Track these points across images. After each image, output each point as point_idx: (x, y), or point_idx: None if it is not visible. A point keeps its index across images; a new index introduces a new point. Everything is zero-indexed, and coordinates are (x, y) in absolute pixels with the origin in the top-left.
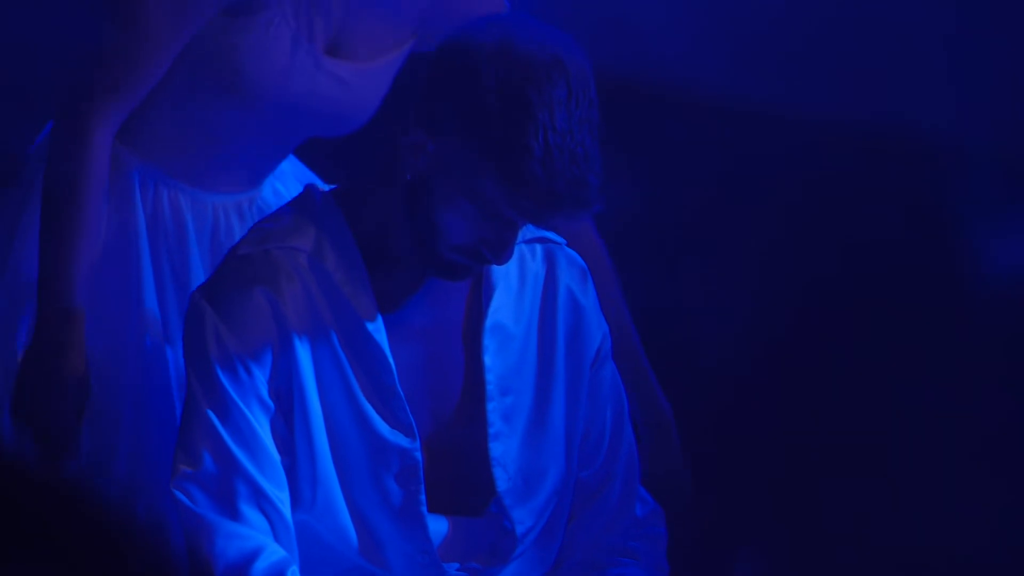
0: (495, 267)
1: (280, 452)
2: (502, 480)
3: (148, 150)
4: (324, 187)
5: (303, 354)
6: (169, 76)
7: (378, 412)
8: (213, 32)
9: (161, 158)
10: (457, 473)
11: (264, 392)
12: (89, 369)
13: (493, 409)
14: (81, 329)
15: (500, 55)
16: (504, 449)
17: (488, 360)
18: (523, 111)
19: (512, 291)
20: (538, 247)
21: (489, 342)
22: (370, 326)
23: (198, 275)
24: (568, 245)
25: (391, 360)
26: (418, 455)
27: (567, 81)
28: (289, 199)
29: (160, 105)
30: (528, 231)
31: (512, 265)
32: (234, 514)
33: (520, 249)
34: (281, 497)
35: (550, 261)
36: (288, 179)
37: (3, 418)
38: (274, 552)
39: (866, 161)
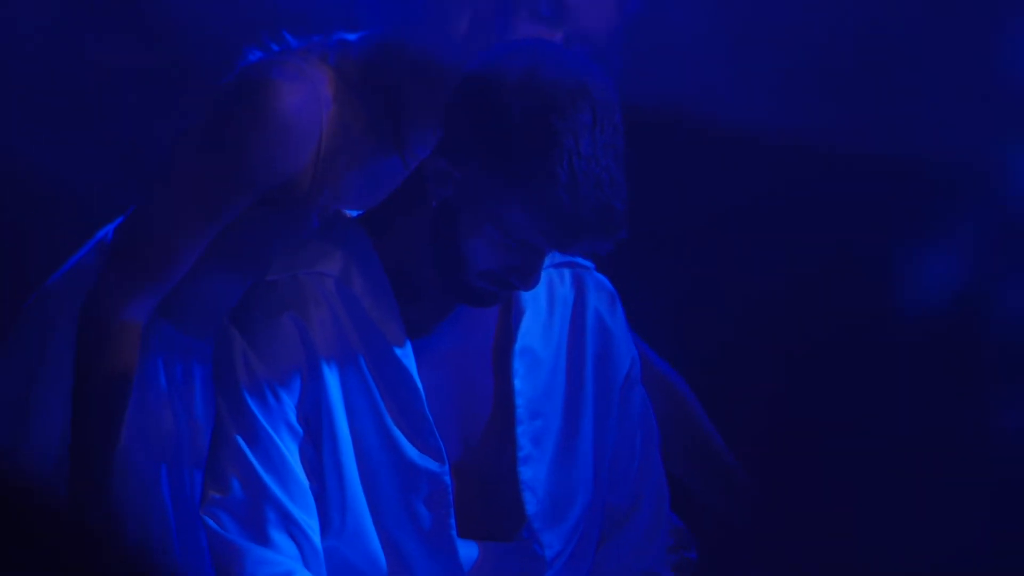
0: (523, 292)
1: (309, 478)
2: (531, 504)
3: (178, 319)
4: (351, 213)
5: (331, 380)
6: (204, 258)
7: (407, 437)
8: (251, 219)
9: (188, 326)
10: (486, 497)
11: (293, 418)
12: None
13: (523, 432)
14: (114, 511)
15: (524, 82)
16: (533, 473)
17: (518, 383)
18: (548, 137)
19: (541, 315)
20: (567, 272)
21: (519, 365)
22: (398, 351)
23: None
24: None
25: (419, 384)
26: (447, 479)
27: (592, 107)
28: None
29: (192, 280)
30: (557, 255)
31: (541, 289)
32: (263, 540)
33: (549, 273)
34: (310, 523)
35: (579, 286)
36: None
37: None
38: None
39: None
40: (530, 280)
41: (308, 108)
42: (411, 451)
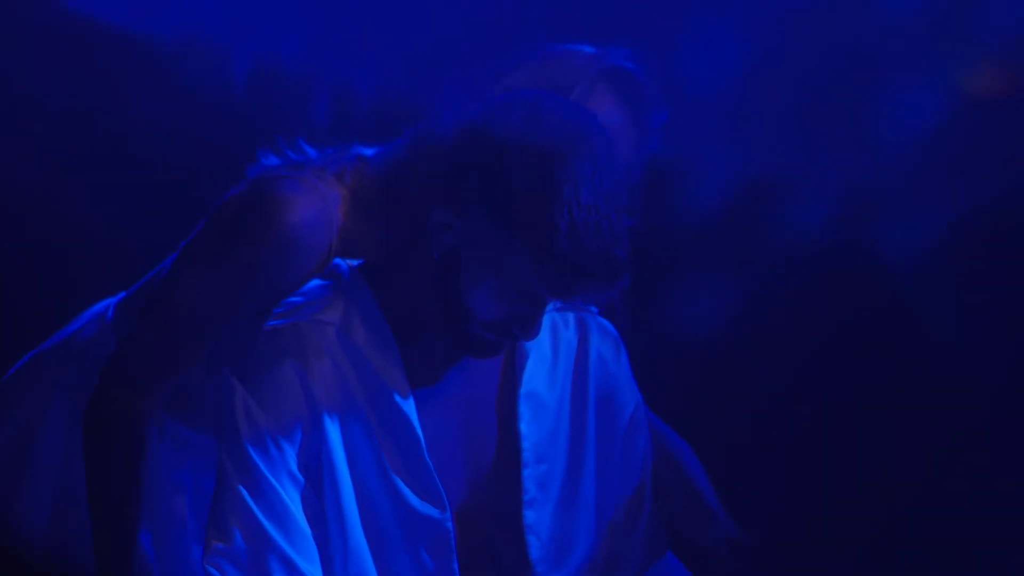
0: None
1: (311, 525)
2: (535, 547)
3: (181, 414)
4: (352, 263)
5: (332, 428)
6: (213, 355)
7: (407, 483)
8: (256, 324)
9: (193, 421)
10: (490, 541)
11: (294, 466)
12: None
13: (528, 476)
14: None
15: (524, 132)
16: (538, 516)
17: (524, 427)
18: (548, 187)
19: (545, 359)
20: (571, 315)
21: (524, 409)
22: (399, 398)
23: None
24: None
25: (419, 431)
26: (449, 525)
27: (592, 157)
28: None
29: (197, 377)
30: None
31: (545, 333)
32: None
33: (552, 317)
34: (313, 571)
35: (583, 330)
36: None
37: None
38: None
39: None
40: (532, 330)
41: (319, 227)
42: (412, 498)
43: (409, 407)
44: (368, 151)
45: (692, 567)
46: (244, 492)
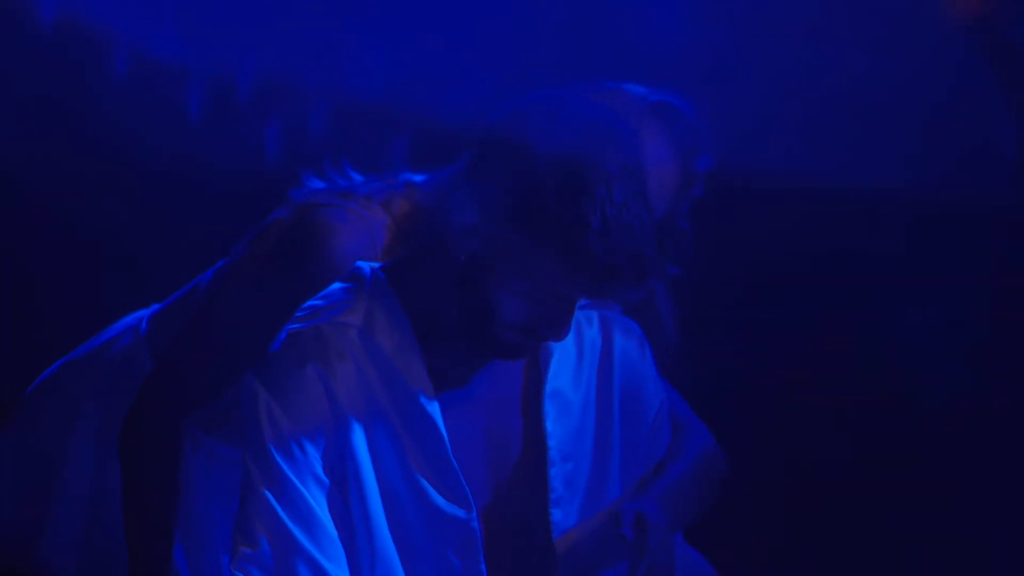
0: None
1: (338, 527)
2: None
3: (215, 429)
4: (372, 264)
5: (356, 429)
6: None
7: (433, 485)
8: None
9: (226, 435)
10: (517, 542)
11: (319, 469)
12: None
13: (555, 475)
14: None
15: (552, 133)
16: (564, 515)
17: (549, 426)
18: (579, 187)
19: (570, 358)
20: (594, 314)
21: (550, 408)
22: (423, 399)
23: None
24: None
25: (444, 431)
26: (475, 525)
27: (620, 155)
28: None
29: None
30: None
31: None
32: None
33: (576, 316)
34: (340, 574)
35: (607, 329)
36: None
37: None
38: None
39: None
40: (561, 331)
41: (363, 257)
42: (438, 499)
43: (433, 408)
44: (417, 178)
45: (712, 560)
46: (270, 496)
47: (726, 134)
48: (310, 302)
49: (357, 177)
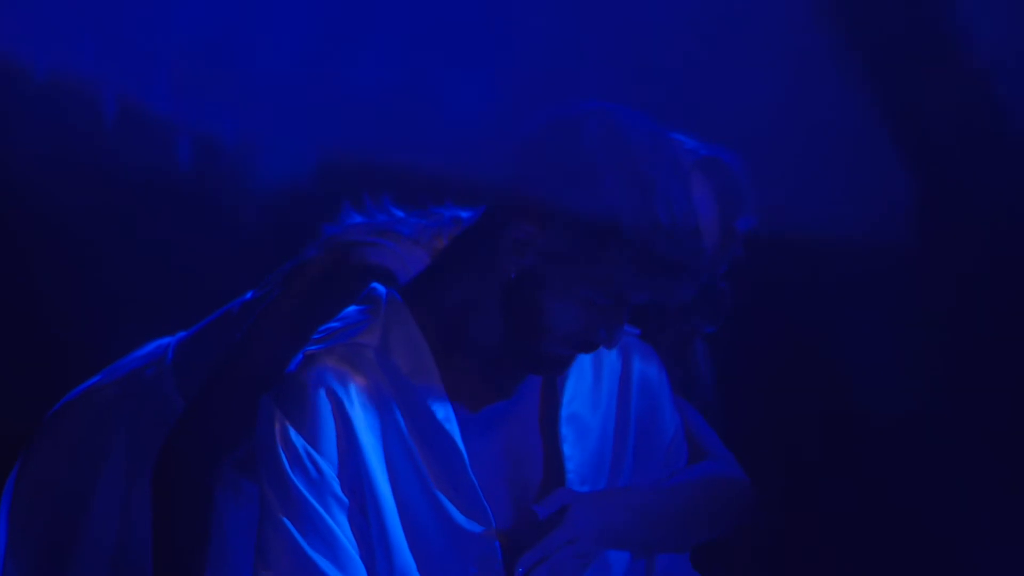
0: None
1: (358, 546)
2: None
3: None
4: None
5: (373, 450)
6: None
7: (452, 500)
8: None
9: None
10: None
11: (337, 488)
12: None
13: None
14: None
15: (606, 136)
16: None
17: (567, 449)
18: (643, 185)
19: (587, 381)
20: None
21: (567, 431)
22: (441, 417)
23: None
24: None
25: (462, 448)
26: (496, 543)
27: (671, 156)
28: None
29: None
30: None
31: (585, 356)
32: None
33: None
34: None
35: (625, 352)
36: None
37: None
38: None
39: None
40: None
41: None
42: (458, 516)
43: (452, 426)
44: (464, 213)
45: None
46: (287, 521)
47: None
48: (327, 324)
49: (398, 213)
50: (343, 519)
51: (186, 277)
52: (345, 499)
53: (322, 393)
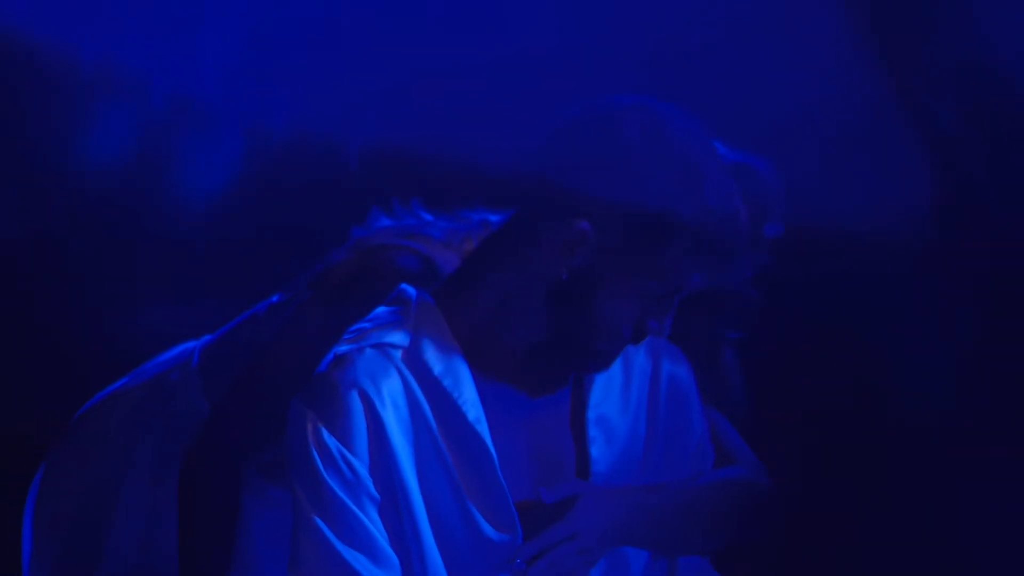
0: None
1: (394, 544)
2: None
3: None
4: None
5: (403, 450)
6: None
7: (480, 504)
8: None
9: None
10: None
11: (372, 487)
12: None
13: None
14: None
15: (651, 129)
16: None
17: (595, 451)
18: (696, 176)
19: (616, 382)
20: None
21: (595, 433)
22: (471, 418)
23: None
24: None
25: (492, 450)
26: (521, 542)
27: (710, 143)
28: None
29: None
30: None
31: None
32: None
33: None
34: None
35: (655, 354)
36: None
37: None
38: None
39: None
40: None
41: None
42: (485, 518)
43: (483, 427)
44: (493, 217)
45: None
46: (321, 522)
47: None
48: (357, 325)
49: (427, 216)
50: (378, 518)
51: (216, 277)
52: (378, 496)
53: (354, 394)
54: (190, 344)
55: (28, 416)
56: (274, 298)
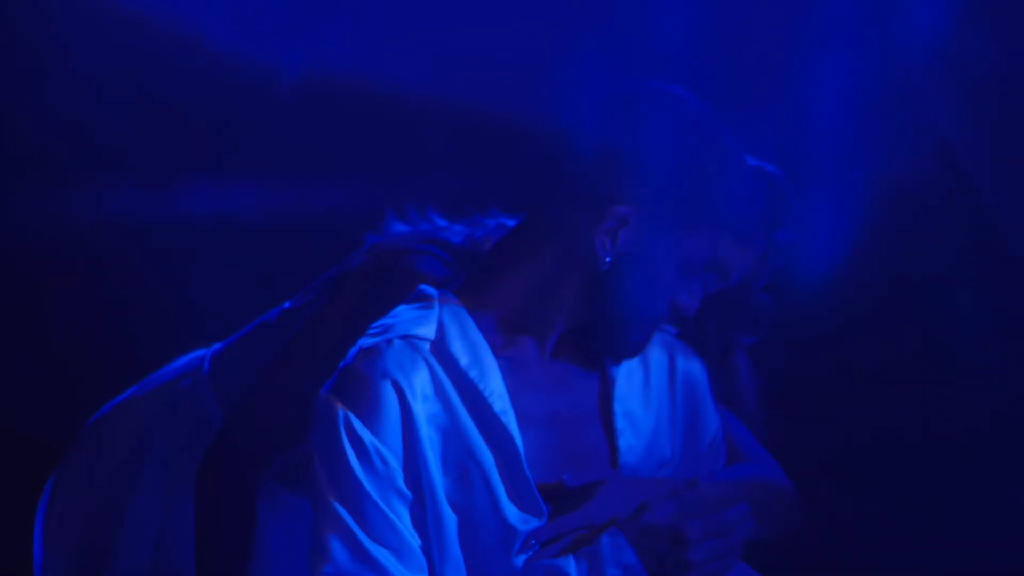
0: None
1: (420, 535)
2: None
3: (287, 479)
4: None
5: (430, 443)
6: None
7: (507, 494)
8: None
9: (294, 483)
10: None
11: (401, 482)
12: None
13: None
14: None
15: (684, 115)
16: None
17: (623, 444)
18: (724, 161)
19: (637, 378)
20: (656, 336)
21: (623, 426)
22: (498, 409)
23: None
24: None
25: (519, 441)
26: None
27: (730, 129)
28: None
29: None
30: None
31: None
32: None
33: None
34: None
35: (670, 350)
36: None
37: None
38: None
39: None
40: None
41: None
42: (512, 508)
43: (509, 419)
44: (510, 221)
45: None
46: (344, 513)
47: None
48: (381, 320)
49: (440, 222)
50: (405, 512)
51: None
52: (408, 492)
53: (387, 384)
54: (200, 352)
55: (39, 424)
56: (285, 304)
